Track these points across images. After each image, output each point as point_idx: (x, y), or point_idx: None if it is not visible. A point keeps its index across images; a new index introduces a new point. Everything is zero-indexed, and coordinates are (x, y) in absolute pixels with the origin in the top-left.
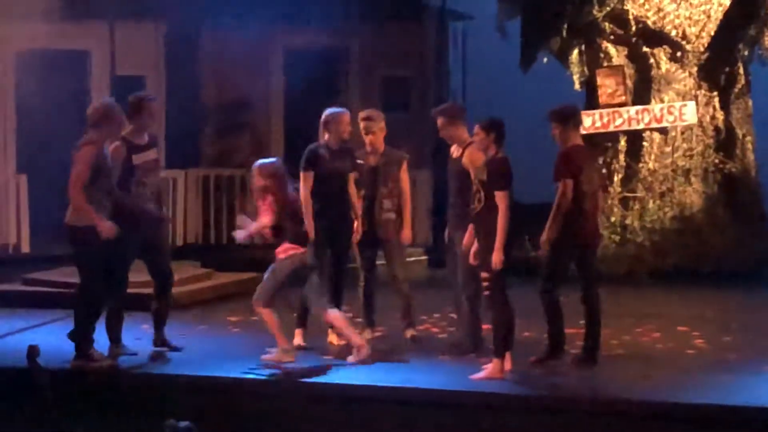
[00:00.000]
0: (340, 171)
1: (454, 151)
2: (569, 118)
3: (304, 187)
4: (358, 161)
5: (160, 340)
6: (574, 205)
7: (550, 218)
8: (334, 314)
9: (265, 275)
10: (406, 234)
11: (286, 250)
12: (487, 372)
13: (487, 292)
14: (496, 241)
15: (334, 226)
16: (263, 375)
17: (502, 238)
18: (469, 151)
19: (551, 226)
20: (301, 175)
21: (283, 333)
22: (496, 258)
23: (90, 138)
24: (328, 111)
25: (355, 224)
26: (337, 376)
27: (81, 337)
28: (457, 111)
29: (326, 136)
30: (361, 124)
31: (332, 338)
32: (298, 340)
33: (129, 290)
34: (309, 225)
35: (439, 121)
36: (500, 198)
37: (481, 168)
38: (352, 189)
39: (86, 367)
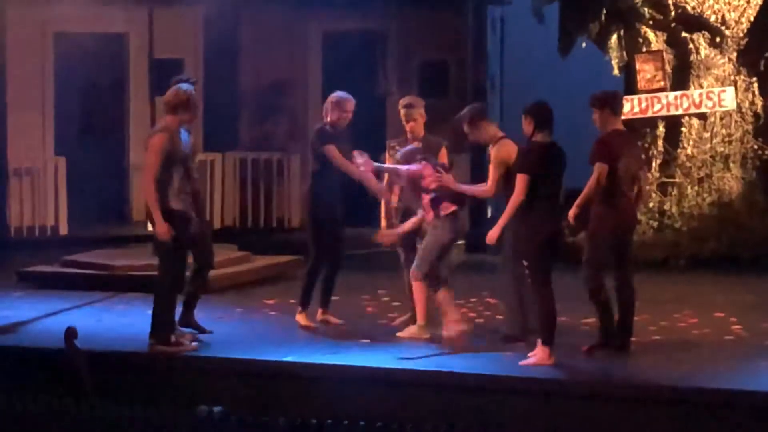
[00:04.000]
0: (343, 153)
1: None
2: (605, 103)
3: (338, 158)
4: (397, 148)
5: (186, 322)
6: (610, 191)
7: (580, 198)
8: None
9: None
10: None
11: (446, 208)
12: (535, 358)
13: (529, 280)
14: (500, 219)
15: (338, 209)
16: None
17: (506, 218)
18: (496, 148)
19: (579, 204)
20: (328, 149)
21: (425, 309)
22: (491, 234)
23: (164, 124)
24: (336, 93)
25: None
26: (377, 360)
27: (161, 322)
28: (477, 112)
29: (331, 116)
30: (402, 111)
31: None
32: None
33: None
34: (373, 184)
35: (464, 126)
36: (518, 180)
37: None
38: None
39: (167, 352)
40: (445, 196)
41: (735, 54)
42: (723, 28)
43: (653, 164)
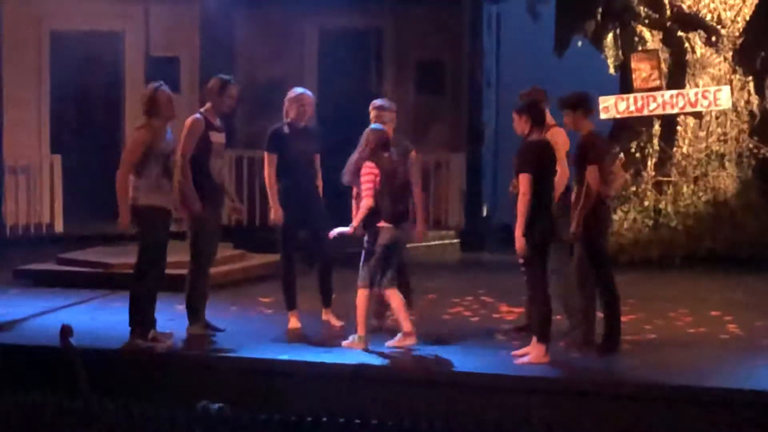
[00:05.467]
0: (304, 151)
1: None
2: (578, 105)
3: (268, 168)
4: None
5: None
6: (600, 192)
7: (581, 208)
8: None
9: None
10: (418, 230)
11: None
12: (530, 357)
13: (526, 278)
14: (517, 226)
15: (303, 208)
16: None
17: (521, 224)
18: (549, 135)
19: (581, 216)
20: (265, 156)
21: (368, 320)
22: (517, 245)
23: (146, 121)
24: (293, 90)
25: None
26: (370, 358)
27: (137, 318)
28: (541, 95)
29: (291, 114)
30: (372, 113)
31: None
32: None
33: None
34: (274, 207)
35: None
36: (520, 181)
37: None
38: (317, 170)
39: (140, 349)
40: (390, 211)
41: (731, 53)
42: (719, 27)
43: (649, 163)
